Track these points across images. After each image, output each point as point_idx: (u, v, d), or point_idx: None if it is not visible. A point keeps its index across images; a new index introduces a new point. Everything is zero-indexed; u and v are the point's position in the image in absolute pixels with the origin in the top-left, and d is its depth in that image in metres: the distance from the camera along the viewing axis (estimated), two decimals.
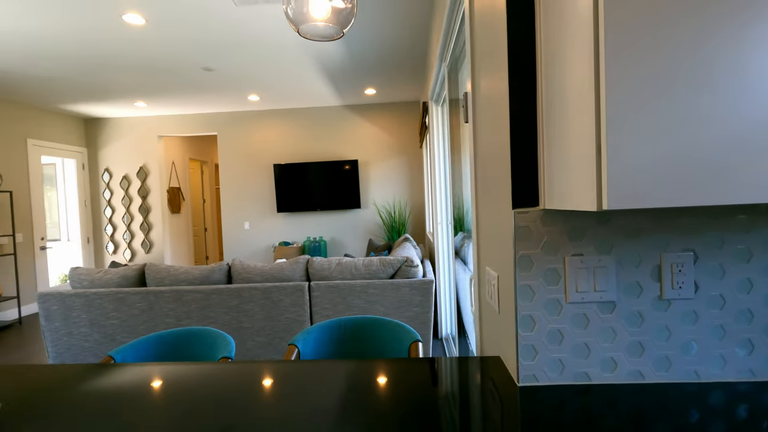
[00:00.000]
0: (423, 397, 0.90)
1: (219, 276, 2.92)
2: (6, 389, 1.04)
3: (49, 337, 2.92)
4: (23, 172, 5.16)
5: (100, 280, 2.96)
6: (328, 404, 0.88)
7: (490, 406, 0.86)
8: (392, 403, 0.88)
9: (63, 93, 4.75)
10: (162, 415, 0.88)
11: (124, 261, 6.22)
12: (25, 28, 3.06)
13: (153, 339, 1.52)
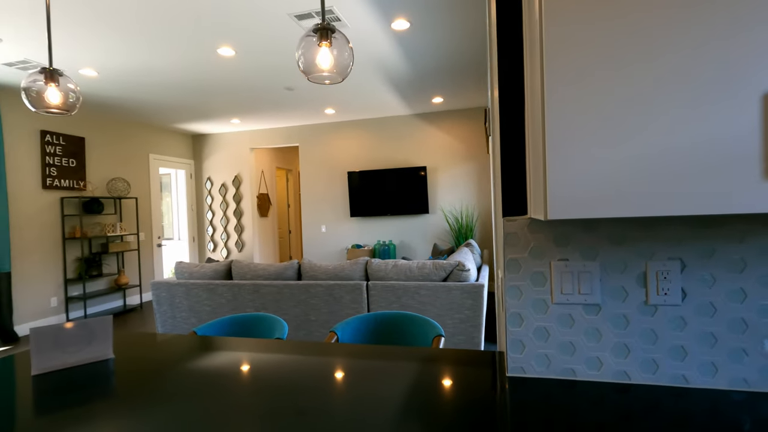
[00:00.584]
0: (425, 377, 1.06)
1: (291, 273, 3.29)
2: (125, 350, 1.42)
3: (159, 318, 3.54)
4: (146, 181, 6.19)
5: (197, 273, 3.51)
6: (348, 374, 1.09)
7: (478, 389, 0.99)
8: (400, 378, 1.05)
9: (175, 115, 5.64)
10: (225, 369, 1.15)
11: (221, 258, 7.09)
12: (148, 66, 3.76)
13: (227, 320, 1.86)
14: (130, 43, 3.29)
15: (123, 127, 5.85)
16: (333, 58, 0.94)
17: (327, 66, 0.94)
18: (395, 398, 0.95)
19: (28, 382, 1.13)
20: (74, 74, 3.92)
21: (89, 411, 0.94)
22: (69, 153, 5.07)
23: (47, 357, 1.21)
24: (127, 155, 5.90)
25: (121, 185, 5.69)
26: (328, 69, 0.94)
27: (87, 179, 5.31)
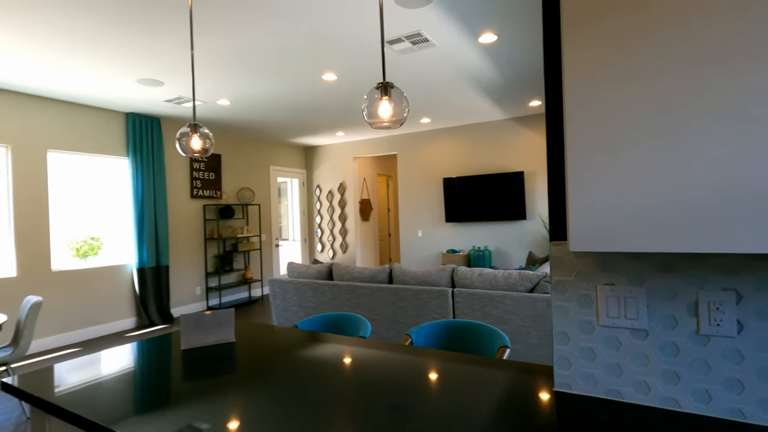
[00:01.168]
0: (481, 383, 1.20)
1: (383, 276, 3.57)
2: (243, 336, 1.80)
3: (274, 310, 4.12)
4: (266, 189, 7.12)
5: (304, 273, 4.00)
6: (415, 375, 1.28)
7: (526, 399, 1.10)
8: (459, 382, 1.21)
9: (290, 131, 6.40)
10: (318, 359, 1.43)
11: (327, 258, 7.78)
12: (267, 93, 4.40)
13: (322, 317, 2.17)
14: (253, 78, 3.92)
15: (249, 144, 6.83)
16: (391, 109, 1.13)
17: (386, 116, 1.14)
18: (449, 399, 1.10)
19: (179, 354, 1.54)
20: (213, 104, 4.77)
21: (218, 379, 1.28)
22: (209, 168, 6.11)
23: (191, 337, 1.62)
24: (252, 167, 6.87)
25: (248, 194, 6.65)
26: (388, 118, 1.14)
27: (222, 189, 6.33)
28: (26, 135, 4.24)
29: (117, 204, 5.17)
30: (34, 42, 3.04)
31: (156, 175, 5.29)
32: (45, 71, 3.62)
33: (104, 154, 4.91)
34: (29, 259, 4.23)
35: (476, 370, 1.28)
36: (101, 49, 3.19)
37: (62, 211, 4.65)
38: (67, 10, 2.59)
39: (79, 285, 4.63)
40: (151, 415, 1.05)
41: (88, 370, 1.39)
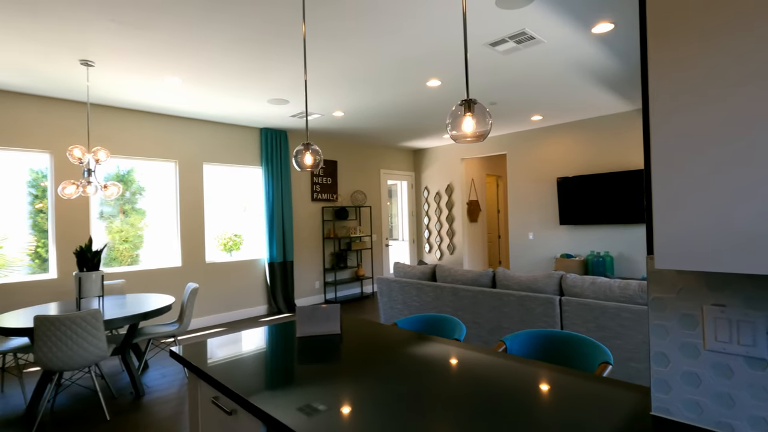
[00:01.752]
0: (576, 400, 1.19)
1: (485, 280, 3.54)
2: (348, 329, 2.01)
3: (381, 307, 4.37)
4: (377, 192, 7.52)
5: (409, 273, 4.17)
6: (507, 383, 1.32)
7: (617, 421, 1.06)
8: (552, 396, 1.22)
9: (398, 135, 6.66)
10: (414, 356, 1.55)
11: (435, 259, 7.88)
12: (376, 102, 4.69)
13: (420, 317, 2.29)
14: (364, 91, 4.22)
15: (362, 150, 7.29)
16: (474, 125, 1.18)
17: (470, 131, 1.19)
18: (536, 411, 1.12)
19: (295, 340, 1.80)
20: (329, 116, 5.24)
21: (326, 365, 1.48)
22: (327, 173, 6.71)
23: (305, 326, 1.87)
24: (365, 171, 7.32)
25: (360, 196, 7.11)
26: (471, 133, 1.19)
27: (338, 192, 6.89)
28: (188, 151, 5.21)
29: (253, 207, 6.02)
30: (198, 79, 3.74)
31: (283, 181, 6.01)
32: (202, 100, 4.41)
33: (243, 165, 5.76)
34: (190, 253, 5.20)
35: (571, 384, 1.25)
36: (244, 77, 3.78)
37: (213, 212, 5.59)
38: (224, 48, 3.15)
39: (225, 275, 5.52)
40: (275, 391, 1.28)
41: (230, 346, 1.72)
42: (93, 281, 3.24)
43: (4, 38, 2.88)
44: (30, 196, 4.34)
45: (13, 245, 4.42)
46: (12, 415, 2.92)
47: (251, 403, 1.17)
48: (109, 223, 4.85)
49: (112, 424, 2.75)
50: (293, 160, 1.78)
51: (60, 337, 2.61)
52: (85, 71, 3.52)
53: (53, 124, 4.24)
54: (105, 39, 2.94)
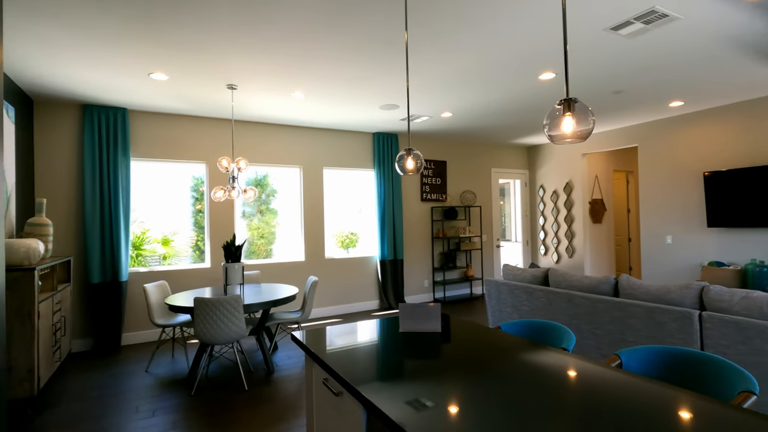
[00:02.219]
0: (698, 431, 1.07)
1: (606, 288, 3.23)
2: (455, 330, 2.06)
3: (489, 309, 4.29)
4: (487, 191, 7.34)
5: (519, 276, 4.01)
6: (621, 407, 1.24)
7: None
8: (670, 425, 1.12)
9: (510, 132, 6.41)
10: (513, 362, 1.55)
11: (552, 263, 7.38)
12: (485, 100, 4.61)
13: (526, 323, 2.22)
14: (472, 90, 4.19)
15: (471, 149, 7.19)
16: (574, 125, 1.12)
17: (569, 131, 1.13)
18: None
19: (398, 334, 1.91)
20: (438, 117, 5.31)
21: (426, 361, 1.55)
22: (436, 174, 6.79)
23: (406, 322, 1.97)
24: (474, 171, 7.21)
25: (470, 196, 7.03)
26: (571, 134, 1.13)
27: (447, 193, 6.92)
28: (310, 157, 5.78)
29: (367, 207, 6.40)
30: (318, 92, 4.16)
31: (394, 182, 6.27)
32: (322, 110, 4.87)
33: (358, 168, 6.16)
34: (312, 249, 5.76)
35: (702, 412, 1.10)
36: (357, 87, 4.08)
37: (331, 212, 6.10)
38: (338, 62, 3.46)
39: (341, 270, 5.98)
40: (375, 379, 1.40)
41: (339, 335, 1.91)
42: (236, 271, 3.83)
43: (173, 75, 3.58)
44: (192, 199, 5.30)
45: (180, 239, 5.45)
46: (179, 376, 3.63)
47: (354, 387, 1.31)
48: (249, 222, 5.65)
49: (249, 392, 3.23)
50: (396, 164, 1.89)
51: (211, 316, 3.16)
52: (230, 94, 4.18)
53: (207, 139, 5.11)
54: (245, 66, 3.45)
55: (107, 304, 4.45)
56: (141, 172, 4.91)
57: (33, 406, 2.99)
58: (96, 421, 2.81)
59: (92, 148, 4.44)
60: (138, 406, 3.04)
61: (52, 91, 4.03)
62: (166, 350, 4.36)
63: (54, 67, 3.42)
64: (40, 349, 2.96)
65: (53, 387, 3.43)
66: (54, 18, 2.61)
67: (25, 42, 2.94)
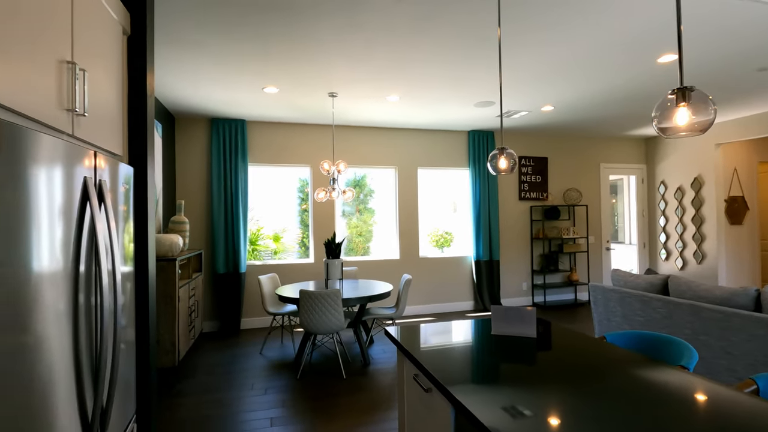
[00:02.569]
0: None
1: (744, 301, 2.77)
2: (553, 336, 1.97)
3: (595, 318, 3.95)
4: (595, 189, 6.73)
5: (631, 282, 3.63)
6: None
7: None
8: None
9: (623, 123, 5.79)
10: (617, 373, 1.44)
11: (676, 269, 6.49)
12: (590, 90, 4.25)
13: (636, 334, 2.01)
14: (577, 80, 3.90)
15: (576, 144, 6.66)
16: (689, 116, 1.00)
17: (683, 124, 1.01)
18: None
19: (489, 336, 1.89)
20: (537, 111, 5.03)
21: (519, 366, 1.52)
22: (536, 171, 6.43)
23: (499, 325, 1.93)
24: (580, 167, 6.66)
25: (574, 194, 6.52)
26: (685, 126, 1.01)
27: (548, 191, 6.51)
28: (405, 158, 5.91)
29: (462, 206, 6.32)
30: (412, 94, 4.25)
31: (490, 181, 6.09)
32: (416, 112, 4.95)
33: (453, 167, 6.12)
34: (406, 248, 5.88)
35: None
36: (451, 86, 4.07)
37: (426, 211, 6.15)
38: (431, 63, 3.50)
39: (435, 269, 6.00)
40: (464, 379, 1.41)
41: (430, 332, 1.95)
42: (335, 267, 4.10)
43: (282, 87, 3.96)
44: (298, 199, 5.79)
45: (288, 236, 5.99)
46: (286, 360, 4.01)
47: (443, 386, 1.34)
48: (349, 220, 5.98)
49: (347, 381, 3.44)
50: (488, 164, 1.86)
51: (314, 307, 3.43)
52: (331, 101, 4.47)
53: (310, 144, 5.53)
54: (344, 74, 3.68)
55: (230, 292, 5.09)
56: (256, 176, 5.51)
57: (174, 374, 3.56)
58: (221, 393, 3.25)
59: (218, 155, 5.11)
60: (253, 384, 3.43)
61: (188, 109, 4.74)
62: (276, 336, 4.84)
63: (190, 89, 4.02)
64: (179, 327, 3.51)
65: (189, 360, 4.05)
66: (192, 46, 3.08)
67: (170, 69, 3.51)
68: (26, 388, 0.91)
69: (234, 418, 2.85)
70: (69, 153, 1.09)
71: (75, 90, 1.22)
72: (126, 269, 1.56)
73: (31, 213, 0.93)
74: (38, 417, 0.95)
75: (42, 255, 0.96)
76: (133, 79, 1.73)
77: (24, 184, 0.90)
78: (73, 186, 1.11)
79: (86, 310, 1.18)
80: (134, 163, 1.78)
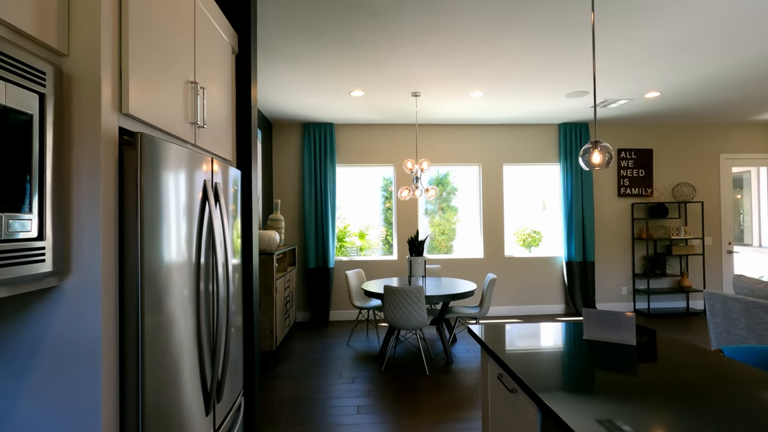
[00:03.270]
0: None
1: None
2: (657, 345, 1.81)
3: (712, 329, 3.49)
4: (714, 183, 5.90)
5: (758, 290, 3.14)
6: None
7: None
8: None
9: (748, 107, 4.99)
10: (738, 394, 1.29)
11: None
12: (707, 71, 3.74)
13: (760, 349, 1.76)
14: (686, 61, 3.47)
15: (688, 133, 5.90)
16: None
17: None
18: None
19: (581, 341, 1.79)
20: (640, 99, 4.56)
21: (617, 376, 1.43)
22: (638, 165, 5.83)
23: (591, 329, 1.82)
24: (693, 159, 5.89)
25: (686, 189, 5.78)
26: None
27: (653, 186, 5.86)
28: (489, 155, 5.75)
29: (552, 204, 5.98)
30: (497, 89, 4.13)
31: (584, 176, 5.67)
32: (501, 106, 4.80)
33: (541, 163, 5.81)
34: (491, 247, 5.73)
35: None
36: (539, 78, 3.89)
37: (512, 209, 5.93)
38: (516, 54, 3.39)
39: (522, 269, 5.76)
40: (551, 382, 1.37)
41: (517, 333, 1.91)
42: (418, 264, 4.15)
43: (368, 90, 4.11)
44: (382, 198, 5.95)
45: (373, 233, 6.19)
46: (371, 352, 4.17)
47: (530, 388, 1.31)
48: (431, 218, 6.00)
49: (430, 378, 3.48)
50: (580, 159, 1.76)
51: (398, 303, 3.52)
52: (414, 101, 4.53)
53: (393, 143, 5.65)
54: (426, 74, 3.70)
55: (320, 285, 5.42)
56: (343, 176, 5.79)
57: (273, 358, 3.91)
58: (312, 378, 3.50)
59: (309, 157, 5.46)
60: (341, 372, 3.63)
61: (283, 115, 5.14)
62: (361, 329, 5.05)
63: (286, 96, 4.36)
64: (277, 316, 3.85)
65: (285, 346, 4.41)
66: (286, 58, 3.35)
67: (268, 79, 3.85)
68: (162, 359, 1.09)
69: (325, 402, 3.05)
70: (192, 159, 1.28)
71: (197, 106, 1.43)
72: (235, 261, 1.76)
73: (163, 211, 1.11)
74: (172, 383, 1.14)
75: (171, 247, 1.15)
76: (240, 92, 1.95)
77: (159, 187, 1.09)
78: (194, 188, 1.30)
79: (205, 296, 1.38)
80: (241, 167, 2.00)
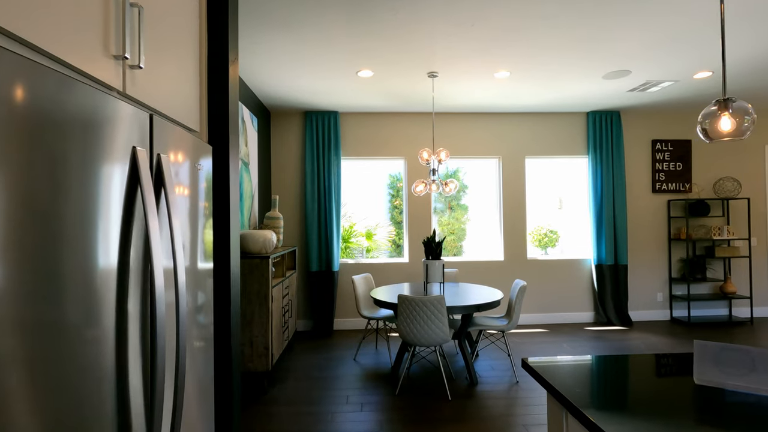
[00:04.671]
0: None
1: None
2: None
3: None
4: (761, 178, 5.32)
5: None
6: None
7: None
8: None
9: None
10: None
11: None
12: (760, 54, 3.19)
13: None
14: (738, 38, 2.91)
15: None
16: None
17: None
18: None
19: (690, 386, 1.25)
20: (687, 80, 4.00)
21: None
22: (675, 157, 5.26)
23: (706, 370, 1.28)
24: (737, 151, 5.32)
25: (730, 185, 5.21)
26: None
27: (692, 181, 5.30)
28: (511, 146, 5.20)
29: (573, 200, 5.42)
30: (525, 68, 3.59)
31: (615, 170, 5.11)
32: (528, 90, 4.25)
33: (566, 155, 5.26)
34: (511, 248, 5.18)
35: None
36: (573, 54, 3.34)
37: (529, 207, 5.38)
38: (550, 27, 2.84)
39: (546, 273, 5.21)
40: None
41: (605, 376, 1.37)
42: (436, 269, 3.62)
43: (378, 69, 3.58)
44: (389, 195, 5.42)
45: (381, 233, 5.66)
46: (382, 369, 3.63)
47: None
48: (440, 217, 5.46)
49: (453, 404, 2.94)
50: (698, 128, 1.22)
51: (415, 316, 2.99)
52: (430, 83, 3.99)
53: (404, 133, 5.12)
54: (446, 50, 3.17)
55: (323, 291, 4.89)
56: (348, 170, 5.26)
57: (268, 378, 3.38)
58: (315, 405, 2.97)
59: (311, 149, 4.94)
60: (348, 396, 3.10)
61: (282, 102, 4.62)
62: (370, 341, 4.52)
63: (283, 78, 3.84)
64: (273, 330, 3.32)
65: (283, 363, 3.88)
66: (284, 26, 2.83)
67: (262, 53, 3.32)
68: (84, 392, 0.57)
69: None
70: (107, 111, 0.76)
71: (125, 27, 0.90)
72: (207, 266, 1.24)
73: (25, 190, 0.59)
74: None
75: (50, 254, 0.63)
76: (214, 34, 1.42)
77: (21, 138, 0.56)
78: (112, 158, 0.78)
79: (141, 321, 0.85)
80: (214, 144, 1.48)
